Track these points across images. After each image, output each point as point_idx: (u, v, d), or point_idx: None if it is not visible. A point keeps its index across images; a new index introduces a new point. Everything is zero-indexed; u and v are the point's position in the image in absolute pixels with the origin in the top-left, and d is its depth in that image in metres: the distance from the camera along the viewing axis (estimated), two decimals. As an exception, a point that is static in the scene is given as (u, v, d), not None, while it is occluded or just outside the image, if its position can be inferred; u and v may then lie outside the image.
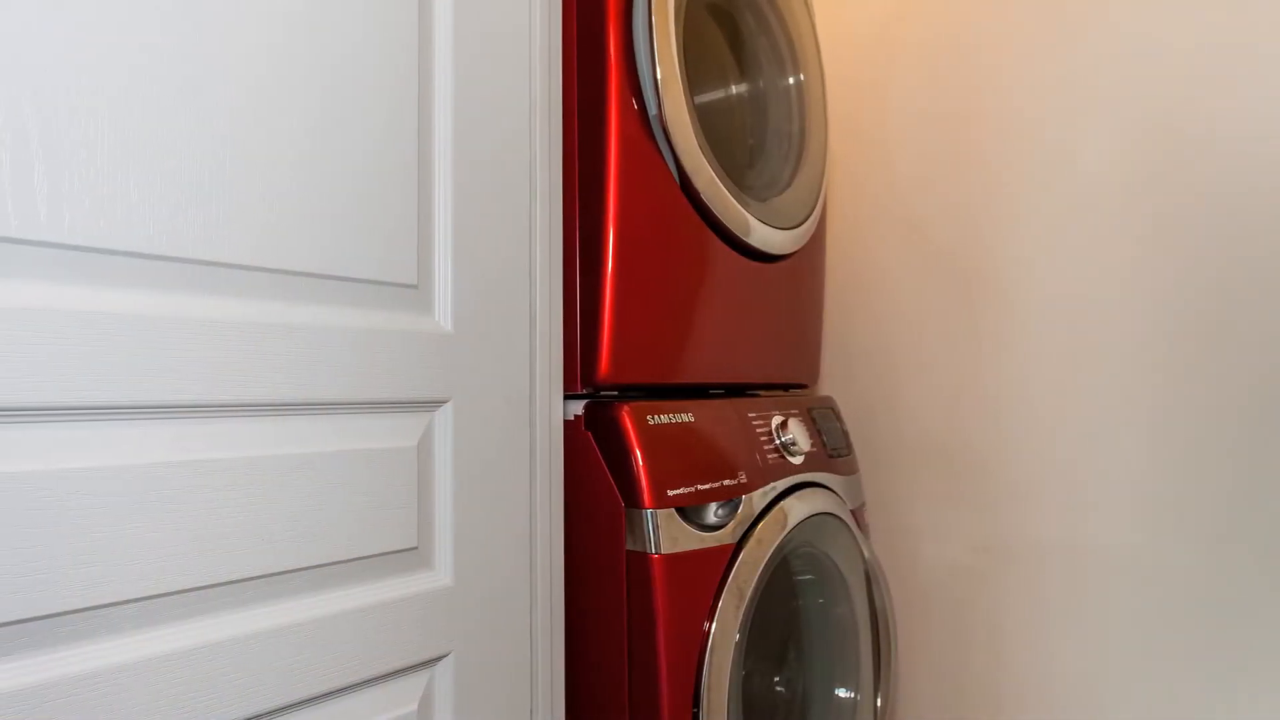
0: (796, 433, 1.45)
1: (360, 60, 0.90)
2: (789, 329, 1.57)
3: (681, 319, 1.31)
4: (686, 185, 1.29)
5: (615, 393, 1.28)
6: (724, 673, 1.20)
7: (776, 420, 1.43)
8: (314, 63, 0.86)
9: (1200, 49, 1.57)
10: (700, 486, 1.23)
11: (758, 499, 1.32)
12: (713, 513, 1.24)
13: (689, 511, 1.20)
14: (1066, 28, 1.70)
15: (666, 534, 1.16)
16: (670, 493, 1.18)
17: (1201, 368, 1.57)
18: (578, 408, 1.21)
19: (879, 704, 1.55)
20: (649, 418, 1.20)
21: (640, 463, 1.17)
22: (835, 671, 1.54)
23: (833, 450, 1.56)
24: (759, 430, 1.39)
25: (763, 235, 1.42)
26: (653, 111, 1.23)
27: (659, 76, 1.22)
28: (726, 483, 1.27)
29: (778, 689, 1.54)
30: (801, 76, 1.57)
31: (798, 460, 1.44)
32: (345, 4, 0.89)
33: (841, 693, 1.54)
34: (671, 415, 1.24)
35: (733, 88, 1.50)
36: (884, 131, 1.89)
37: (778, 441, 1.41)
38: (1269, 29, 1.50)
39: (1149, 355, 1.62)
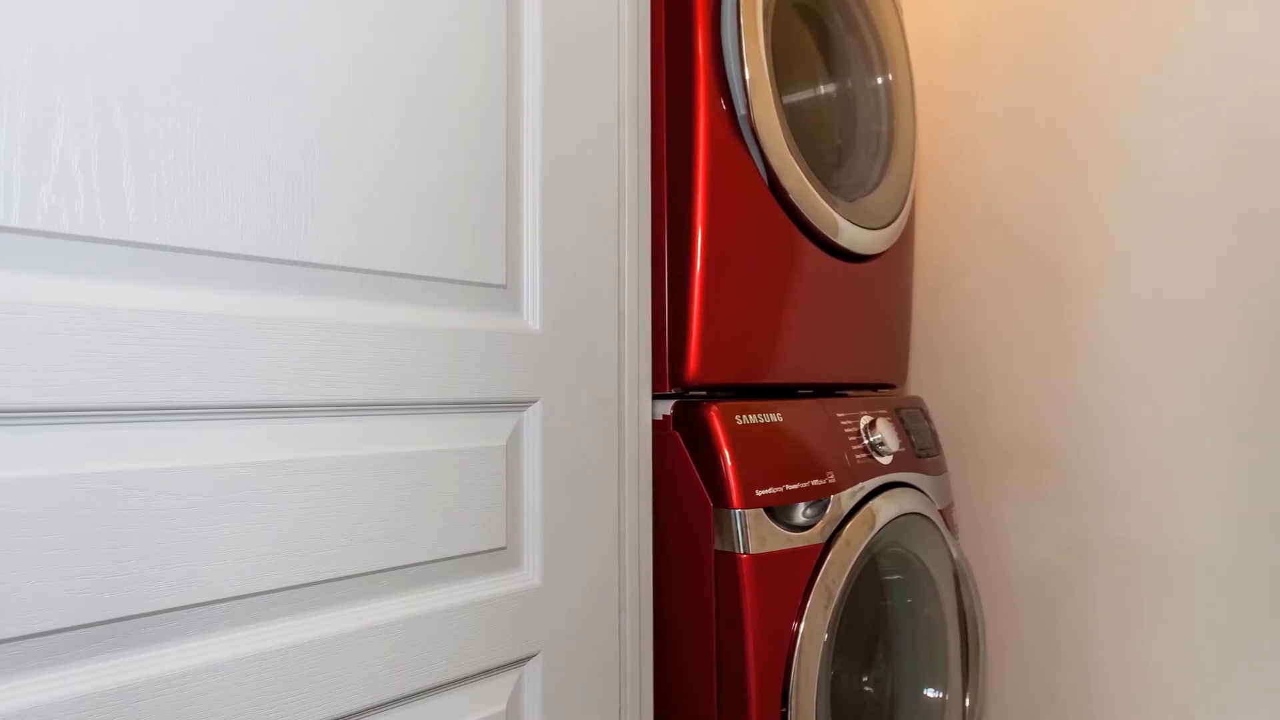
0: (885, 433, 1.37)
1: (449, 60, 0.85)
2: (877, 329, 1.49)
3: (770, 319, 1.24)
4: (775, 185, 1.22)
5: (703, 393, 1.21)
6: (812, 673, 1.14)
7: (865, 420, 1.36)
8: (403, 62, 0.81)
9: (1303, 42, 1.45)
10: (789, 486, 1.16)
11: (846, 499, 1.25)
12: (801, 513, 1.17)
13: (777, 511, 1.14)
14: (1155, 27, 1.59)
15: (755, 534, 1.10)
16: (759, 493, 1.12)
17: (1298, 368, 1.46)
18: (666, 407, 1.15)
19: (967, 704, 1.46)
20: (737, 418, 1.14)
21: (729, 463, 1.10)
22: (924, 671, 1.46)
23: (921, 450, 1.47)
24: (847, 430, 1.31)
25: (851, 235, 1.34)
26: (741, 112, 1.17)
27: (747, 77, 1.15)
28: (815, 483, 1.20)
29: (866, 689, 1.46)
30: (890, 76, 1.48)
31: (886, 460, 1.36)
32: (434, 4, 0.84)
33: (930, 693, 1.45)
34: (760, 415, 1.17)
35: (821, 88, 1.42)
36: (972, 131, 1.80)
37: (866, 441, 1.34)
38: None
39: (1236, 355, 1.51)
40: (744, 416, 1.14)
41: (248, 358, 0.69)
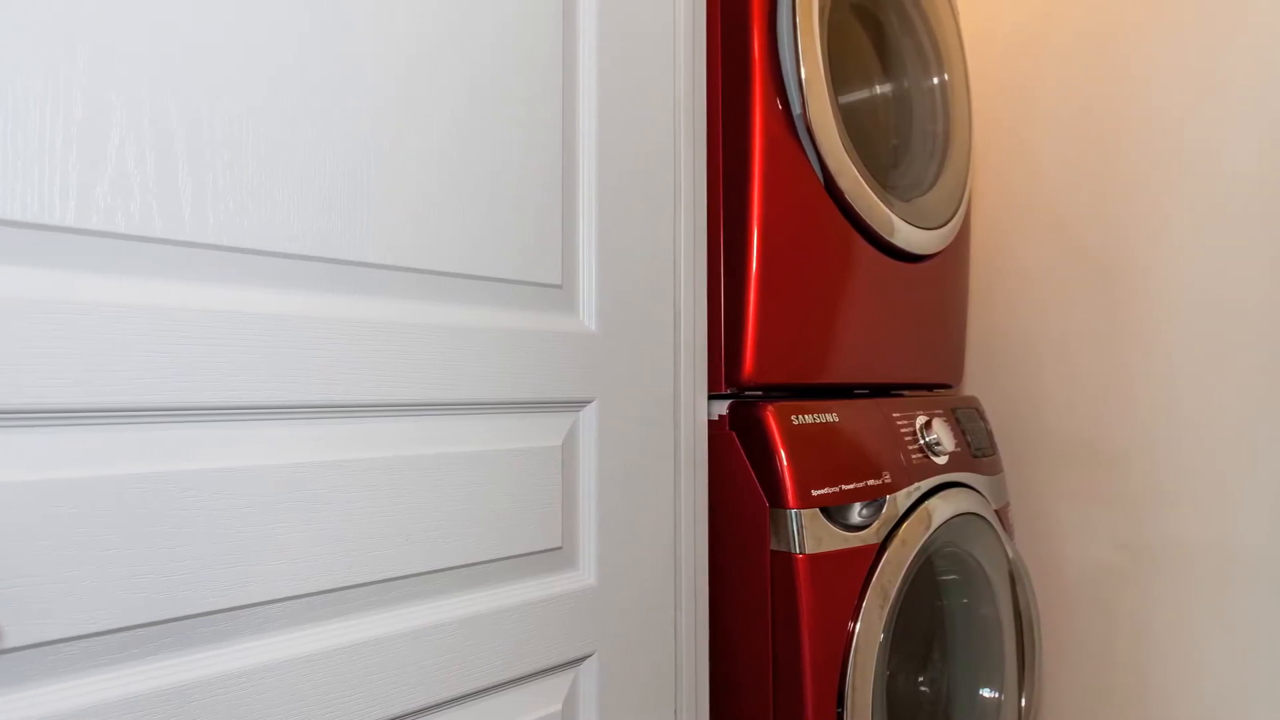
0: (940, 432, 1.31)
1: (504, 58, 0.82)
2: (933, 329, 1.43)
3: (825, 319, 1.19)
4: (830, 185, 1.17)
5: (759, 393, 1.16)
6: (868, 673, 1.08)
7: (920, 420, 1.30)
8: (458, 61, 0.78)
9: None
10: (844, 486, 1.11)
11: (902, 499, 1.19)
12: (857, 513, 1.12)
13: (833, 511, 1.09)
14: (1211, 26, 1.51)
15: (811, 534, 1.05)
16: (814, 493, 1.07)
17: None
18: (722, 407, 1.11)
19: (1023, 704, 1.40)
20: (793, 418, 1.09)
21: (785, 462, 1.06)
22: (979, 672, 1.40)
23: (977, 450, 1.41)
24: (903, 430, 1.26)
25: (907, 235, 1.29)
26: (797, 111, 1.12)
27: (803, 76, 1.10)
28: (871, 483, 1.15)
29: (921, 689, 1.40)
30: (946, 76, 1.42)
31: (942, 460, 1.30)
32: (489, 3, 0.81)
33: (986, 693, 1.39)
34: (816, 415, 1.12)
35: (877, 88, 1.37)
36: (1027, 131, 1.73)
37: (922, 441, 1.28)
38: None
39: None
40: (800, 416, 1.10)
41: (304, 358, 0.66)
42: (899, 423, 1.25)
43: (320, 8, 0.68)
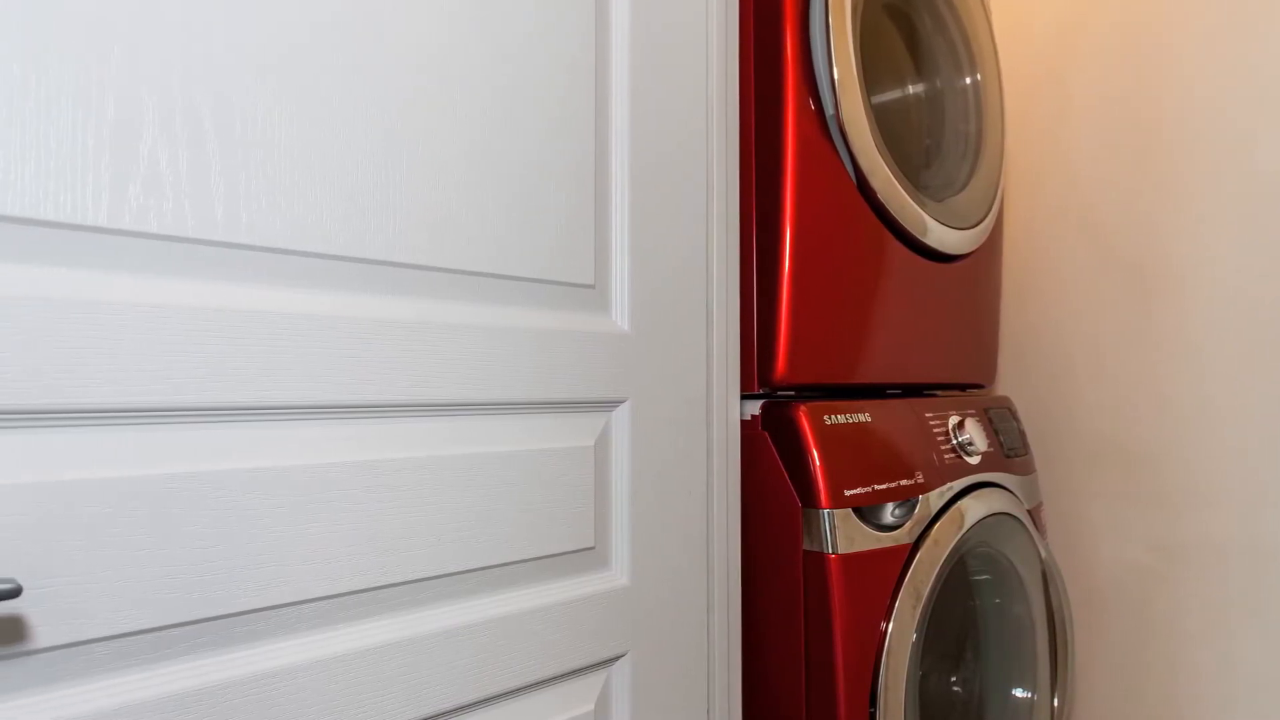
0: (973, 433, 1.27)
1: (535, 58, 0.79)
2: (966, 329, 1.39)
3: (858, 319, 1.16)
4: (863, 185, 1.13)
5: (792, 392, 1.14)
6: (900, 673, 1.05)
7: (953, 420, 1.26)
8: (489, 59, 0.75)
9: None
10: (877, 486, 1.08)
11: (934, 499, 1.16)
12: (889, 513, 1.09)
13: (866, 511, 1.06)
14: (1245, 24, 1.46)
15: (843, 534, 1.02)
16: (847, 493, 1.04)
17: None
18: (754, 407, 1.08)
19: (1056, 704, 1.36)
20: (826, 417, 1.06)
21: (817, 463, 1.03)
22: (1012, 672, 1.36)
23: (1010, 450, 1.37)
24: (936, 430, 1.22)
25: (940, 235, 1.25)
26: (829, 112, 1.09)
27: (836, 77, 1.07)
28: (903, 483, 1.12)
29: (954, 689, 1.37)
30: (978, 76, 1.39)
31: (974, 460, 1.26)
32: (520, 1, 0.79)
33: (1018, 693, 1.36)
34: (848, 415, 1.09)
35: (909, 88, 1.33)
36: (1061, 130, 1.68)
37: (954, 441, 1.24)
38: None
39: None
40: (832, 416, 1.07)
41: (336, 358, 0.64)
42: (932, 423, 1.22)
43: (351, 5, 0.66)
